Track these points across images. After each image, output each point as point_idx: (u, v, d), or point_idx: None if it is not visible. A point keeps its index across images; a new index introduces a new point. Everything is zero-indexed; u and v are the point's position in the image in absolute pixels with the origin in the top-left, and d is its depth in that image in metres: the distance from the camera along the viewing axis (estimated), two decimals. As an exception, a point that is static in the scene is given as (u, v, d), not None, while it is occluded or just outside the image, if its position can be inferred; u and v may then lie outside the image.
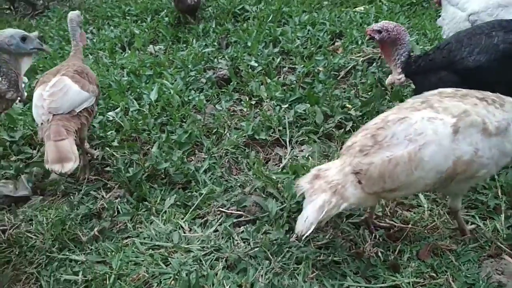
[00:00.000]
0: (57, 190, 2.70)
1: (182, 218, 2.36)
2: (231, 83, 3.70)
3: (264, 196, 2.45)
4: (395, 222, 2.24)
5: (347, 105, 3.18)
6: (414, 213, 2.30)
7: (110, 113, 3.30)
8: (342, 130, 2.97)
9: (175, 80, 3.75)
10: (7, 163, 2.89)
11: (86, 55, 4.51)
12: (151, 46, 4.66)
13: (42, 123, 2.39)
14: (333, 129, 3.00)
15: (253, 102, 3.46)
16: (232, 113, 3.37)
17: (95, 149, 2.99)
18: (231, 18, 5.11)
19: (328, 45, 4.21)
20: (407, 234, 2.16)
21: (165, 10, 5.45)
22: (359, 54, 3.91)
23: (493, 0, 2.95)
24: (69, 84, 2.49)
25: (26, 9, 6.71)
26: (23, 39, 2.05)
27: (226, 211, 2.39)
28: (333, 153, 2.75)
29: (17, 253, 2.24)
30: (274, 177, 2.51)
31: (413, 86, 3.03)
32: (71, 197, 2.62)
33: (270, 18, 4.83)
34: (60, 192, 2.70)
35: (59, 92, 2.43)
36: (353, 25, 4.47)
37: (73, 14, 2.95)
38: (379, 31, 2.61)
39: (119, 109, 3.36)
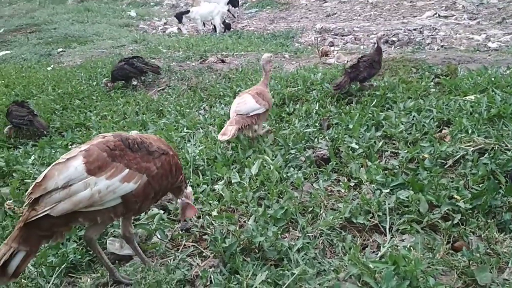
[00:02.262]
0: (157, 253, 2.84)
1: (272, 297, 2.31)
2: (330, 163, 3.71)
3: (359, 285, 2.31)
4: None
5: (455, 196, 2.96)
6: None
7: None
8: (450, 222, 2.75)
9: (276, 157, 3.88)
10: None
11: (197, 128, 4.93)
12: (256, 124, 4.94)
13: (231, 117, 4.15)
14: (439, 221, 2.79)
15: (352, 184, 3.40)
16: (330, 193, 3.33)
17: (199, 217, 3.14)
18: (335, 101, 5.24)
19: (435, 132, 4.07)
20: None
21: (271, 92, 5.80)
22: (469, 144, 3.69)
23: None
24: (249, 99, 4.20)
25: (150, 86, 7.62)
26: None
27: (318, 296, 2.29)
28: (439, 247, 2.53)
29: (113, 310, 2.36)
30: (371, 265, 2.36)
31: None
32: (169, 261, 2.73)
33: (373, 103, 4.86)
34: (159, 255, 2.83)
35: (242, 103, 4.18)
36: (463, 114, 4.29)
37: (266, 55, 4.50)
38: None
39: (223, 181, 3.54)
